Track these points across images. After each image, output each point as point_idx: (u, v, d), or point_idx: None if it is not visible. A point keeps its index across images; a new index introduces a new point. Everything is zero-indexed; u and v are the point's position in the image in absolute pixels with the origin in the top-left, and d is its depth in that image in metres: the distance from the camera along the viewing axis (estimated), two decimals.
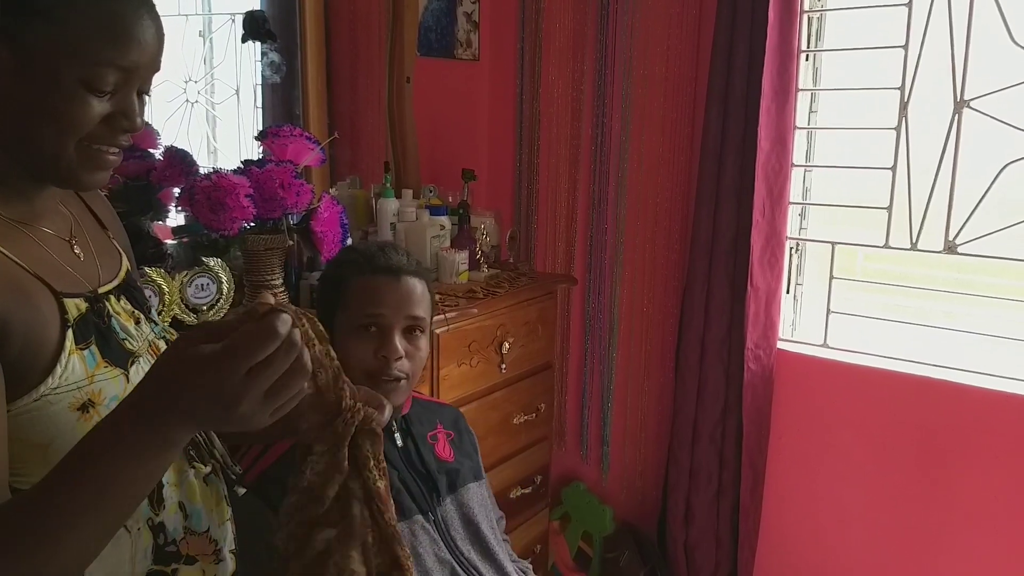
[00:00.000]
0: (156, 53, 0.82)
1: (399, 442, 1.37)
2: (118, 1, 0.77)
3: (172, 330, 1.05)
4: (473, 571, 1.33)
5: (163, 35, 0.83)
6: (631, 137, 2.45)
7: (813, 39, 2.22)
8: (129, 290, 0.97)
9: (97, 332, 0.85)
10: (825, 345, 2.28)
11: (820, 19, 2.21)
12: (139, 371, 0.90)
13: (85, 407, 0.81)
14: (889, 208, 2.10)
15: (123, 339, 0.89)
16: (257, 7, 2.24)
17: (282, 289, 1.74)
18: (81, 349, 0.82)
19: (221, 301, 1.61)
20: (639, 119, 2.43)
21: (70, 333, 0.81)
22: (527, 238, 2.72)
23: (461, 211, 2.26)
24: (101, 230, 0.99)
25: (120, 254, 1.00)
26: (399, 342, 1.29)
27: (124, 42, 0.77)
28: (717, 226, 2.23)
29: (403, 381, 1.30)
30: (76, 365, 0.81)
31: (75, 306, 0.83)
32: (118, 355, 0.87)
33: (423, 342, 1.34)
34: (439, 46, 2.57)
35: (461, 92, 2.69)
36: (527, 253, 2.71)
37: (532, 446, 2.32)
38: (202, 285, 1.58)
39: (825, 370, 2.24)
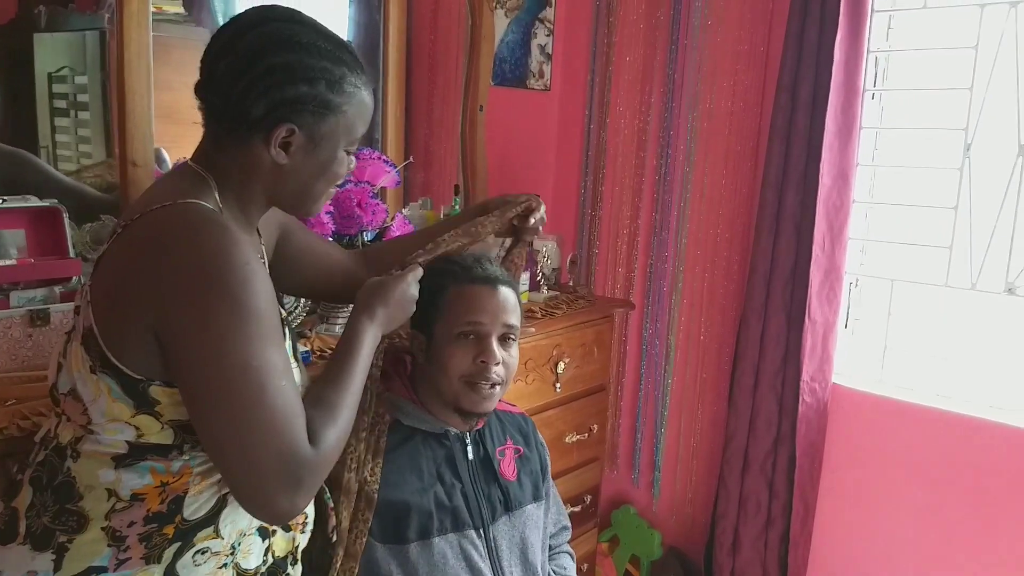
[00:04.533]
0: None
1: (470, 455, 1.40)
2: (369, 94, 1.07)
3: None
4: None
5: None
6: (695, 168, 2.51)
7: (879, 78, 2.25)
8: None
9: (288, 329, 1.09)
10: (881, 382, 2.28)
11: (887, 59, 2.24)
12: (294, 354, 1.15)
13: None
14: (950, 247, 2.11)
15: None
16: (345, 38, 2.38)
17: None
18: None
19: (299, 308, 1.74)
20: (703, 151, 2.49)
21: (287, 331, 1.07)
22: (588, 263, 2.79)
23: None
24: None
25: None
26: (496, 349, 1.33)
27: (369, 120, 1.09)
28: (776, 258, 2.26)
29: (498, 387, 1.35)
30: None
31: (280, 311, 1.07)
32: (294, 345, 1.13)
33: (515, 350, 1.38)
34: (512, 76, 2.68)
35: (531, 120, 2.79)
36: (587, 277, 2.79)
37: (583, 466, 2.38)
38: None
39: (880, 407, 2.24)
